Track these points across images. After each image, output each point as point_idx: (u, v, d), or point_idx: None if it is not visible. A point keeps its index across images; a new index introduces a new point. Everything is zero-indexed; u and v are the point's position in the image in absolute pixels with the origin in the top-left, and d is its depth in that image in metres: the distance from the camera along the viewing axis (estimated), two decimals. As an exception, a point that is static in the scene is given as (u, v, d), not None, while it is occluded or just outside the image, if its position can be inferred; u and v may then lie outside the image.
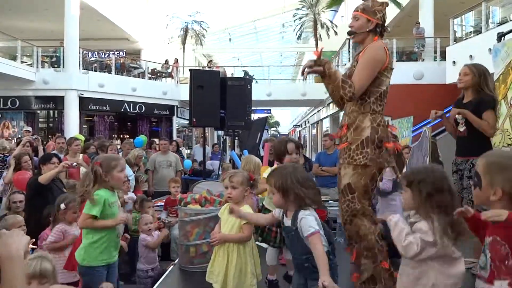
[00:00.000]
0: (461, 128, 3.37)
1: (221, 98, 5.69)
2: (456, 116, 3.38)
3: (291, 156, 3.06)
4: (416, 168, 2.12)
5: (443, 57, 12.53)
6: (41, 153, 6.05)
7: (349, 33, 2.83)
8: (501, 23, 10.26)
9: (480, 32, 10.87)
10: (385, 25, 2.80)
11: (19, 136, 9.96)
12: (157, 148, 8.28)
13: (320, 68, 2.56)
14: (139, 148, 7.01)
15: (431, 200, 1.85)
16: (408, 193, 1.94)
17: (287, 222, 2.23)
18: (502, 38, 5.20)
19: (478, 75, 3.35)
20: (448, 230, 1.81)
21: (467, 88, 3.40)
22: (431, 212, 1.86)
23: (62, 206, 3.32)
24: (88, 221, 2.63)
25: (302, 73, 2.75)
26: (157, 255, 4.24)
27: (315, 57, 2.62)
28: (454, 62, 11.07)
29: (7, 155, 6.00)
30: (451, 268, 1.88)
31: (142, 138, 8.74)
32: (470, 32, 12.30)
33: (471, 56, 9.87)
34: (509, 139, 3.67)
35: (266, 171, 3.53)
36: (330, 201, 5.29)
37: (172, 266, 3.61)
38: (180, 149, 9.54)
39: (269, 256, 2.98)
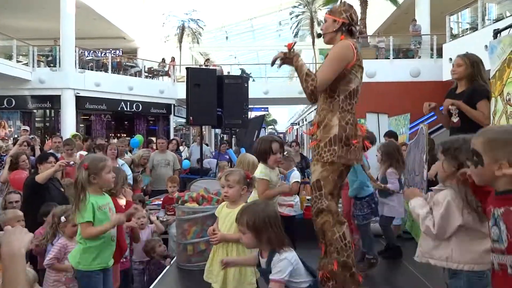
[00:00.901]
0: (455, 119, 3.37)
1: (218, 96, 5.69)
2: (450, 106, 3.39)
3: (275, 155, 2.99)
4: (453, 137, 2.12)
5: (439, 54, 12.56)
6: (37, 152, 6.03)
7: (318, 35, 2.99)
8: (497, 20, 10.29)
9: (476, 29, 10.89)
10: (354, 23, 2.85)
11: (16, 135, 9.91)
12: (154, 147, 8.26)
13: (289, 60, 2.70)
14: (145, 149, 6.97)
15: (462, 169, 1.86)
16: (442, 159, 1.98)
17: (263, 263, 2.11)
18: (498, 35, 5.21)
19: (471, 65, 3.37)
20: (473, 202, 1.83)
21: (461, 78, 3.42)
22: (460, 181, 1.87)
23: (63, 219, 3.21)
24: (89, 229, 2.56)
25: (272, 63, 2.81)
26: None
27: (286, 50, 2.73)
28: (450, 59, 11.08)
29: (4, 154, 5.98)
30: (471, 244, 1.88)
31: (138, 138, 8.69)
32: (467, 29, 12.34)
33: (467, 53, 9.89)
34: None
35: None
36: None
37: (169, 266, 3.62)
38: (180, 148, 9.54)
39: None
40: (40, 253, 3.41)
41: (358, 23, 2.95)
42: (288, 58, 2.71)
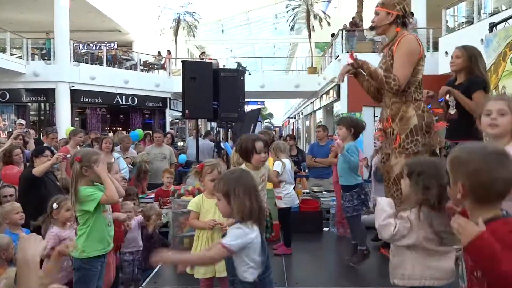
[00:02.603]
0: (452, 111, 3.38)
1: (214, 90, 5.67)
2: (447, 98, 3.40)
3: (259, 155, 2.85)
4: (419, 159, 2.11)
5: (435, 48, 12.56)
6: (32, 146, 6.00)
7: (370, 28, 3.09)
8: (493, 14, 10.28)
9: (472, 23, 10.89)
10: (407, 15, 2.98)
11: (10, 129, 9.86)
12: (150, 141, 8.25)
13: (359, 68, 2.89)
14: (143, 153, 6.89)
15: (424, 193, 1.83)
16: (407, 182, 1.93)
17: None
18: (494, 28, 5.23)
19: (469, 57, 3.38)
20: (435, 225, 1.80)
21: (460, 70, 3.43)
22: (421, 204, 1.84)
23: (55, 205, 3.24)
24: (106, 194, 2.67)
25: (342, 80, 2.97)
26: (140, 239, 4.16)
27: (349, 61, 2.91)
28: (446, 52, 11.09)
29: (-2, 148, 5.94)
30: (432, 260, 1.85)
31: (138, 132, 8.68)
32: (463, 22, 12.32)
33: (466, 45, 9.89)
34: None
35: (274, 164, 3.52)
36: (323, 192, 5.33)
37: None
38: (176, 141, 9.50)
39: None
40: None
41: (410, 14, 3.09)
42: (358, 67, 2.87)
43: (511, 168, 1.38)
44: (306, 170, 6.89)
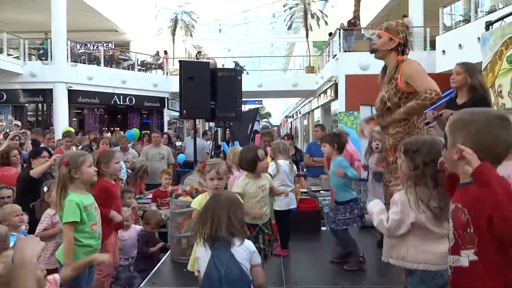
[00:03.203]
0: None
1: (211, 90, 5.67)
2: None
3: (263, 162, 2.95)
4: (415, 138, 2.12)
5: (432, 46, 12.58)
6: (29, 147, 5.98)
7: (371, 51, 3.05)
8: (490, 12, 10.31)
9: (469, 21, 10.91)
10: (407, 44, 3.02)
11: (8, 130, 9.83)
12: (148, 141, 8.23)
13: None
14: (142, 159, 6.85)
15: (419, 171, 1.88)
16: (403, 158, 1.99)
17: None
18: (490, 27, 5.23)
19: (469, 74, 3.39)
20: (429, 202, 1.85)
21: (460, 87, 3.43)
22: (416, 182, 1.89)
23: (45, 189, 3.29)
24: (71, 233, 2.54)
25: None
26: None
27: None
28: (443, 51, 11.12)
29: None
30: (427, 244, 1.89)
31: (134, 131, 8.66)
32: (460, 21, 12.35)
33: (460, 45, 9.93)
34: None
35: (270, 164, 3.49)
36: (321, 191, 5.33)
37: (163, 259, 3.63)
38: (174, 141, 9.49)
39: None
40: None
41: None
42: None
43: None
44: (304, 170, 6.89)
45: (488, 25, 5.26)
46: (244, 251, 2.01)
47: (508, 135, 1.40)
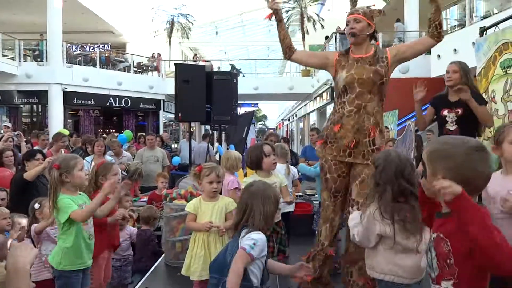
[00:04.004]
0: (451, 127, 3.37)
1: (207, 93, 5.66)
2: (446, 114, 3.40)
3: (269, 158, 2.98)
4: (384, 154, 2.10)
5: (427, 51, 12.66)
6: (24, 149, 5.94)
7: (352, 34, 2.79)
8: (484, 17, 10.39)
9: (464, 26, 10.99)
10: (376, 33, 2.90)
11: (1, 131, 9.77)
12: (144, 143, 8.19)
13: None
14: (137, 162, 6.79)
15: (380, 188, 1.96)
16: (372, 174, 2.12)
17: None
18: (484, 32, 5.27)
19: (464, 73, 3.41)
20: (394, 214, 1.89)
21: (455, 85, 3.42)
22: (381, 195, 1.95)
23: (36, 205, 3.24)
24: (79, 212, 2.55)
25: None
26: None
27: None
28: (438, 56, 11.19)
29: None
30: (397, 257, 1.93)
31: (126, 134, 8.58)
32: (455, 26, 12.43)
33: (455, 50, 9.99)
34: (490, 132, 3.74)
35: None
36: (316, 195, 5.33)
37: (157, 263, 3.62)
38: (169, 143, 9.42)
39: None
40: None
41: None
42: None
43: (490, 164, 1.46)
44: (299, 173, 6.88)
45: (482, 31, 5.30)
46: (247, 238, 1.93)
47: (487, 168, 1.43)
